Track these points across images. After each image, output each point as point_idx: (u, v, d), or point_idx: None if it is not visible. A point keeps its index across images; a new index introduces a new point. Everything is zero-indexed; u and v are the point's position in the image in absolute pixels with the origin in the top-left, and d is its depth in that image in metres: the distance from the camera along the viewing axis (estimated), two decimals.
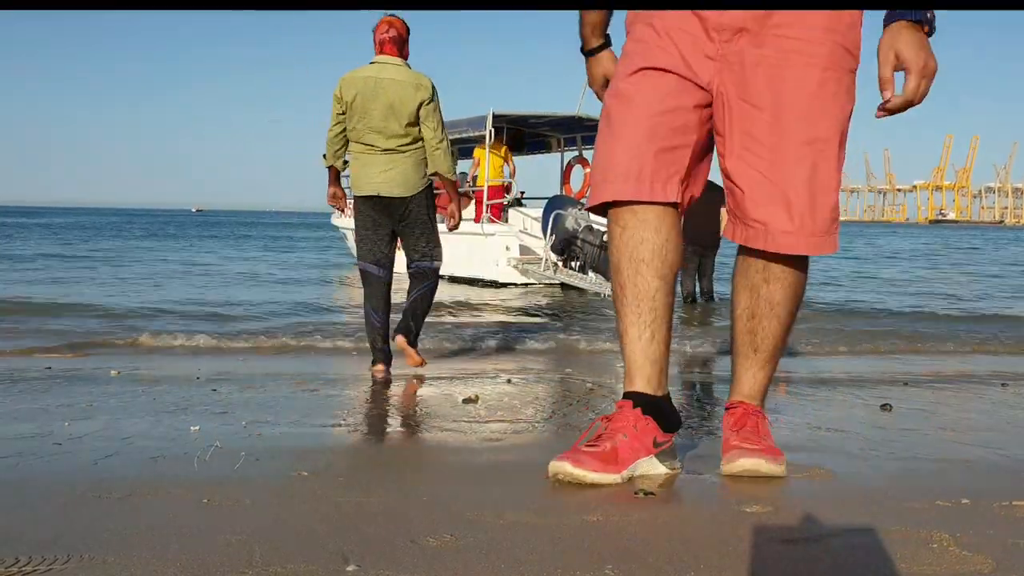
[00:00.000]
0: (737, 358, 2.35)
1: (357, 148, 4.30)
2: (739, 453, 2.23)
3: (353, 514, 1.89)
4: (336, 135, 4.34)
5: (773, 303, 2.25)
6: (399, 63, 4.27)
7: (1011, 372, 4.73)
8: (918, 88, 1.92)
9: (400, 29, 4.31)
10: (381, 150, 4.23)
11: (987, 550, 1.68)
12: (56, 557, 1.59)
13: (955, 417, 3.26)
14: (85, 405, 3.27)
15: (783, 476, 2.21)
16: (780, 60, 2.07)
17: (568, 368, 4.71)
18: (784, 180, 2.10)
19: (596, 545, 1.69)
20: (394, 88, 4.17)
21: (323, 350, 5.54)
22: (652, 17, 2.17)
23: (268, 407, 3.29)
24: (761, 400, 2.36)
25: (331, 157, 4.42)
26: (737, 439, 2.27)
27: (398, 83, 4.18)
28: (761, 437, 2.28)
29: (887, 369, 4.90)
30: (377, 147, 4.23)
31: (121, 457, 2.45)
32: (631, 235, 2.16)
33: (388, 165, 4.23)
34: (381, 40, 4.29)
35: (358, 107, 4.19)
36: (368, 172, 4.25)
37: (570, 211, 11.26)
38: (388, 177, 4.22)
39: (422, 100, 4.19)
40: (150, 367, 4.46)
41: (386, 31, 4.27)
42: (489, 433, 2.86)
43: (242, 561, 1.59)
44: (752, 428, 2.29)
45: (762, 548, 1.69)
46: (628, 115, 2.14)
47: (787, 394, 3.70)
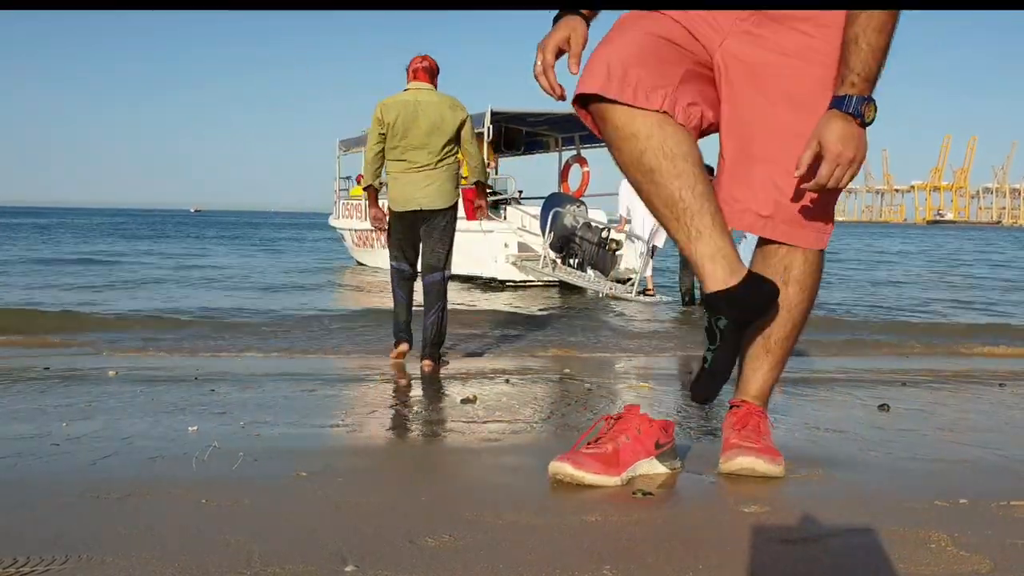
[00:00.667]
0: (747, 358, 2.32)
1: (396, 167, 4.72)
2: (738, 452, 2.23)
3: (351, 514, 1.89)
4: (376, 155, 4.74)
5: (790, 306, 2.22)
6: (432, 88, 4.75)
7: (1009, 372, 4.73)
8: (830, 175, 1.93)
9: (432, 63, 4.81)
10: (420, 166, 4.66)
11: (985, 550, 1.68)
12: (55, 557, 1.59)
13: (953, 417, 3.27)
14: (83, 405, 3.26)
15: (781, 476, 2.21)
16: (786, 49, 2.06)
17: (566, 368, 4.71)
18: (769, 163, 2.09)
19: (595, 545, 1.69)
20: (434, 109, 4.64)
21: (322, 351, 5.53)
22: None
23: (266, 407, 3.28)
24: (765, 401, 2.36)
25: (370, 176, 4.83)
26: (737, 438, 2.27)
27: (436, 104, 4.66)
28: (761, 436, 2.28)
29: (885, 369, 4.90)
30: (417, 163, 4.66)
31: (120, 457, 2.45)
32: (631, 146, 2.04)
33: (427, 181, 4.67)
34: (415, 69, 4.78)
35: (399, 128, 4.62)
36: (409, 189, 4.69)
37: (568, 209, 11.26)
38: (428, 192, 4.67)
39: (462, 120, 4.71)
40: (148, 367, 4.46)
41: (420, 63, 4.78)
42: (487, 433, 2.86)
43: (241, 561, 1.59)
44: (753, 428, 2.29)
45: (761, 548, 1.69)
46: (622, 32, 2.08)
47: (785, 394, 3.70)
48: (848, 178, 1.95)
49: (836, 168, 1.93)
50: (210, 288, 11.36)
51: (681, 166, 2.02)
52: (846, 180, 1.96)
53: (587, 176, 13.87)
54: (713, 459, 2.35)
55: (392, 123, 4.63)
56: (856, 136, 1.93)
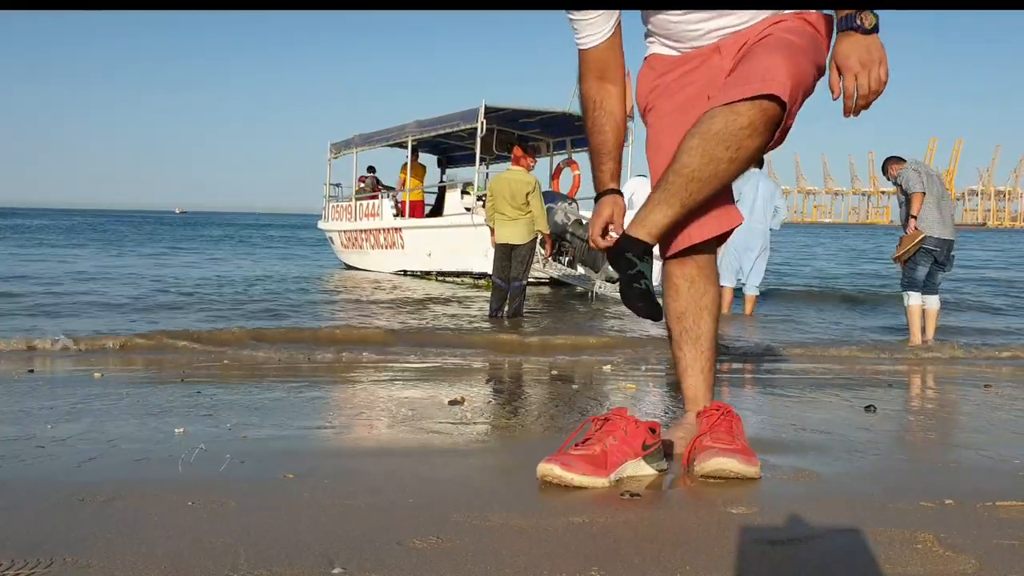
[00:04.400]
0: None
1: (499, 218, 8.11)
2: (712, 453, 2.25)
3: (339, 516, 1.88)
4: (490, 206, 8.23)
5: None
6: (523, 170, 8.15)
7: (993, 374, 4.76)
8: (854, 84, 2.06)
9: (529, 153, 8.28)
10: (509, 218, 8.04)
11: (971, 550, 1.69)
12: (39, 561, 1.58)
13: (939, 418, 3.28)
14: (68, 407, 3.24)
15: (756, 477, 2.22)
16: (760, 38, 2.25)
17: (554, 370, 4.71)
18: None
19: (583, 547, 1.69)
20: (517, 184, 7.99)
21: (310, 352, 5.51)
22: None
23: (253, 409, 3.27)
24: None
25: (489, 221, 8.28)
26: (710, 440, 2.30)
27: (519, 181, 8.01)
28: (735, 438, 2.30)
29: (871, 370, 4.92)
30: (507, 215, 8.04)
31: (105, 460, 2.43)
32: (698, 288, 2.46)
33: (512, 227, 8.06)
34: (516, 157, 8.21)
35: (497, 192, 8.06)
36: (504, 230, 8.10)
37: (560, 206, 11.26)
38: (513, 232, 8.07)
39: (527, 191, 8.00)
40: (133, 368, 4.43)
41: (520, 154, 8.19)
42: (475, 435, 2.85)
43: (227, 564, 1.58)
44: (726, 430, 2.31)
45: (748, 549, 1.69)
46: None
47: (772, 396, 3.71)
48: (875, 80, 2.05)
49: (859, 74, 2.05)
50: (201, 287, 11.28)
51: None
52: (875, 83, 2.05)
53: (578, 179, 13.92)
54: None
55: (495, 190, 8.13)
56: (863, 42, 2.06)
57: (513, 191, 7.92)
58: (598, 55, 2.41)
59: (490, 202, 8.17)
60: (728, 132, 2.08)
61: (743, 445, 2.29)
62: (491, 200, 8.14)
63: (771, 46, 2.16)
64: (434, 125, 13.50)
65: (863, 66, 2.05)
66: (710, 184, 2.16)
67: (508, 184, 7.96)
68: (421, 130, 13.91)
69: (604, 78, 2.43)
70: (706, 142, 2.11)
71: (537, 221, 8.07)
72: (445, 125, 13.08)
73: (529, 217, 8.01)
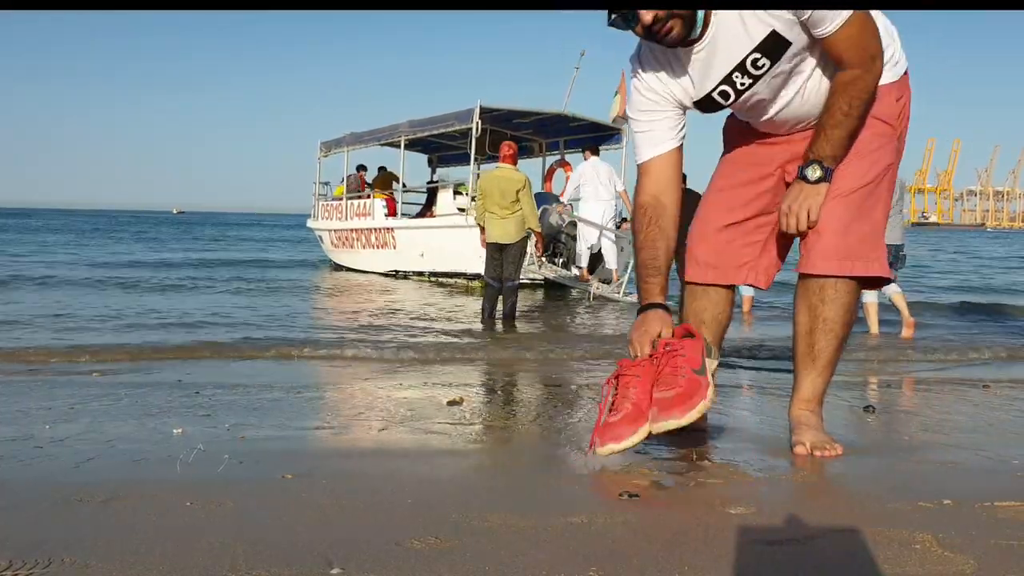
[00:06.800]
0: (798, 367, 2.63)
1: (489, 216, 7.91)
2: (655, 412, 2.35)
3: (337, 517, 1.88)
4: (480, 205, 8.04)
5: (828, 320, 2.53)
6: (511, 167, 7.98)
7: (992, 375, 4.76)
8: (784, 222, 2.52)
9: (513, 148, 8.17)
10: (500, 217, 7.86)
11: (969, 551, 1.69)
12: (37, 561, 1.58)
13: (937, 419, 3.28)
14: (67, 408, 3.24)
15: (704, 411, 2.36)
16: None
17: (552, 371, 4.71)
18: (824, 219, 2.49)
19: (581, 547, 1.69)
20: (507, 183, 7.84)
21: (306, 355, 5.51)
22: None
23: (252, 410, 3.27)
24: (819, 402, 2.63)
25: (479, 220, 8.10)
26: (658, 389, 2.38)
27: (508, 179, 7.86)
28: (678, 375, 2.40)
29: (870, 371, 4.93)
30: (497, 214, 7.86)
31: (103, 460, 2.43)
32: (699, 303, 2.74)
33: (503, 226, 7.88)
34: (504, 155, 8.06)
35: (487, 191, 7.88)
36: (494, 229, 7.91)
37: (554, 207, 11.25)
38: (504, 230, 7.90)
39: (518, 188, 7.84)
40: (132, 369, 4.43)
41: (507, 151, 8.06)
42: (474, 435, 2.85)
43: (225, 564, 1.58)
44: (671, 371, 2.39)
45: (746, 549, 1.69)
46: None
47: (771, 396, 3.71)
48: (800, 222, 2.48)
49: (787, 217, 2.50)
50: (194, 293, 11.27)
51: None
52: (800, 224, 2.48)
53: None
54: (701, 460, 2.35)
55: (485, 188, 7.94)
56: (798, 191, 2.47)
57: (503, 189, 7.81)
58: (657, 170, 2.52)
59: (480, 200, 8.05)
60: (853, 308, 2.56)
61: (684, 386, 2.36)
62: (481, 199, 8.01)
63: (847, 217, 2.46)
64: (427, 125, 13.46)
65: (791, 210, 2.48)
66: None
67: (498, 182, 7.85)
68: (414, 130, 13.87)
69: (662, 194, 2.53)
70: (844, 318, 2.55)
71: (528, 219, 7.92)
72: (439, 125, 13.04)
73: (520, 215, 7.87)
